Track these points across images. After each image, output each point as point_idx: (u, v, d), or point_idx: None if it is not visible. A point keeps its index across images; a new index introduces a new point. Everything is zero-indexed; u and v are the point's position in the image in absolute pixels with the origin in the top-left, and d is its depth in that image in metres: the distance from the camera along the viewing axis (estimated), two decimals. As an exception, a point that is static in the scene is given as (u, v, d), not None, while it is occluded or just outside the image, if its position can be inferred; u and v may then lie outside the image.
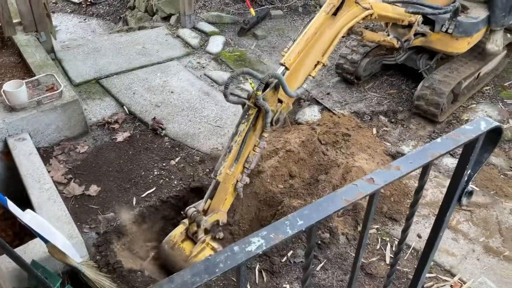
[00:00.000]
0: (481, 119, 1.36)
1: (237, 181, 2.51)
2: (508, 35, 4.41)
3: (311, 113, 4.07)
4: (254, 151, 2.50)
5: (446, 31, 3.79)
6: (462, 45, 3.90)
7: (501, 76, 4.45)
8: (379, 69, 4.53)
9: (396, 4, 3.38)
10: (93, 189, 3.16)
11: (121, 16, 6.36)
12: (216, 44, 4.88)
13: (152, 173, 3.31)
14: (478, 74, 4.17)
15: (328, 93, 4.37)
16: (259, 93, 2.27)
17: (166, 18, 5.32)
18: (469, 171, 1.45)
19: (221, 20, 5.25)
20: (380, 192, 3.29)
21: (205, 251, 2.53)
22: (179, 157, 3.47)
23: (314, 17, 2.71)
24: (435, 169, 3.50)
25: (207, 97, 4.14)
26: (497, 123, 1.35)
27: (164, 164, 3.39)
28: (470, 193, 1.57)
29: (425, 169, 1.32)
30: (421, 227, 3.04)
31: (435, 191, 3.31)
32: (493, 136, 1.43)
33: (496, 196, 3.31)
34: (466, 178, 1.47)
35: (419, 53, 4.13)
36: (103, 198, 3.12)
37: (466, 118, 3.95)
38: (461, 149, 1.38)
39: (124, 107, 3.92)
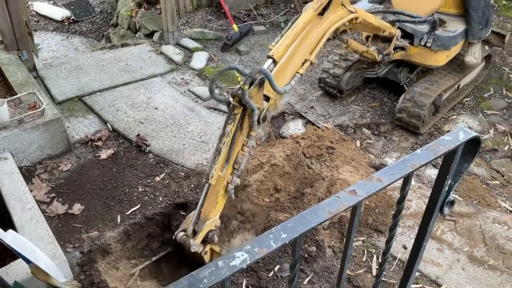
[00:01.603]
0: (460, 129, 1.38)
1: (228, 183, 2.47)
2: (486, 47, 4.53)
3: (295, 127, 4.10)
4: (243, 151, 2.46)
5: (425, 45, 3.87)
6: (441, 58, 3.99)
7: (481, 88, 4.54)
8: (361, 83, 4.59)
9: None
10: (77, 208, 3.12)
11: (104, 33, 6.36)
12: (199, 60, 4.90)
13: (136, 190, 3.28)
14: (458, 86, 4.25)
15: (312, 107, 4.41)
16: (246, 87, 2.22)
17: (149, 35, 5.33)
18: (450, 181, 1.48)
19: (204, 37, 5.28)
20: (365, 203, 3.32)
21: (215, 256, 2.55)
22: (164, 173, 3.45)
23: (301, 14, 2.73)
24: (418, 180, 3.53)
25: (191, 113, 4.14)
26: (475, 134, 1.38)
27: (148, 181, 3.37)
28: (452, 203, 1.59)
29: (406, 180, 1.34)
30: (406, 238, 3.06)
31: (419, 202, 3.34)
32: (472, 147, 1.46)
33: (479, 206, 3.35)
34: (447, 188, 1.49)
35: (400, 67, 4.20)
36: (86, 217, 3.08)
37: (448, 129, 4.01)
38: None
39: (108, 124, 3.90)
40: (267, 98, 2.50)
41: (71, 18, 6.70)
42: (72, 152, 3.61)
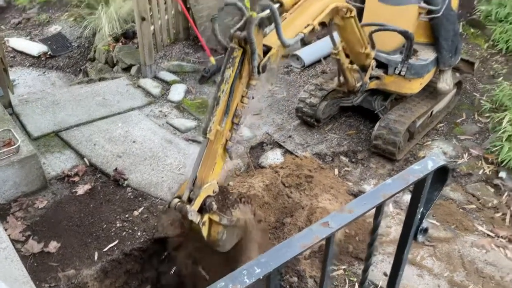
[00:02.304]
0: (428, 158, 1.42)
1: (227, 140, 2.28)
2: (457, 74, 4.67)
3: (274, 157, 4.12)
4: (242, 102, 2.28)
5: (399, 74, 3.99)
6: (415, 86, 4.10)
7: (453, 113, 4.66)
8: (337, 111, 4.67)
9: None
10: (53, 246, 3.06)
11: (81, 68, 6.37)
12: (177, 92, 4.93)
13: (114, 225, 3.24)
14: (431, 113, 4.36)
15: (290, 136, 4.45)
16: (255, 14, 2.07)
17: (127, 69, 5.36)
18: (422, 209, 1.50)
19: (182, 69, 5.33)
20: (345, 231, 3.33)
21: (214, 228, 2.34)
22: (143, 207, 3.41)
23: None
24: (396, 206, 3.57)
25: (170, 145, 4.14)
26: (443, 162, 1.42)
27: (126, 216, 3.33)
28: (425, 230, 1.61)
29: (379, 209, 1.36)
30: (387, 265, 3.06)
31: (398, 228, 3.36)
32: (441, 175, 1.49)
33: (457, 230, 3.39)
34: (419, 216, 1.52)
35: (374, 95, 4.30)
36: (63, 255, 3.01)
37: (423, 155, 4.08)
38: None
39: (85, 159, 3.87)
40: (267, 50, 2.35)
41: (48, 53, 6.70)
42: (48, 189, 3.55)
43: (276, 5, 2.36)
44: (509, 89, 4.61)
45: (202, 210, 2.27)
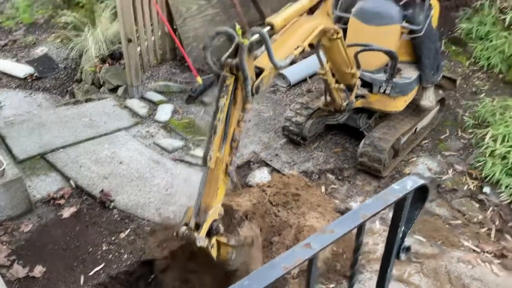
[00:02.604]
0: (408, 178, 1.44)
1: (227, 165, 2.31)
2: (440, 91, 4.76)
3: (261, 175, 4.13)
4: (239, 127, 2.31)
5: (384, 92, 4.06)
6: (399, 104, 4.18)
7: (437, 130, 4.73)
8: (323, 129, 4.71)
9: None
10: (38, 270, 3.02)
11: (68, 89, 6.35)
12: (164, 112, 4.95)
13: (100, 248, 3.21)
14: (415, 129, 4.42)
15: (277, 155, 4.48)
16: (246, 41, 2.10)
17: (114, 90, 5.37)
18: (403, 228, 1.52)
19: (168, 89, 5.35)
20: (332, 249, 3.34)
21: (223, 249, 2.40)
22: (129, 229, 3.40)
23: None
24: (383, 223, 3.59)
25: (157, 166, 4.14)
26: (422, 182, 1.45)
27: (113, 238, 3.30)
28: (408, 249, 1.63)
29: (360, 229, 1.38)
30: (374, 283, 3.06)
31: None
32: (421, 194, 1.52)
33: (443, 246, 3.42)
34: (401, 235, 1.54)
35: (359, 113, 4.35)
36: (48, 279, 2.98)
37: (408, 172, 4.13)
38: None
39: (71, 181, 3.84)
40: (259, 72, 2.38)
41: (35, 75, 6.68)
42: (33, 212, 3.52)
43: (267, 28, 2.43)
44: (491, 105, 4.71)
45: (209, 233, 2.32)
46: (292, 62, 5.98)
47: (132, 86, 5.11)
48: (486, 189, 3.89)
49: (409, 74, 4.20)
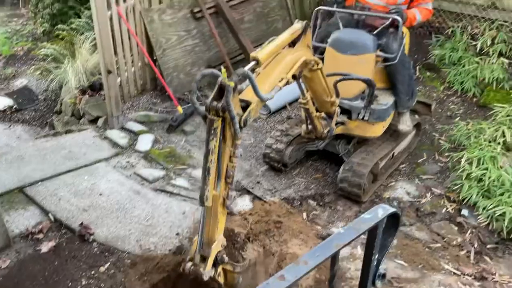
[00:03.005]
0: (379, 207, 1.48)
1: (224, 199, 2.38)
2: (416, 116, 4.87)
3: (242, 203, 4.14)
4: (231, 162, 2.36)
5: (362, 119, 4.14)
6: (378, 129, 4.27)
7: (415, 154, 4.82)
8: (304, 156, 4.76)
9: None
10: (15, 308, 2.95)
11: (48, 121, 6.33)
12: (145, 142, 4.95)
13: (79, 283, 3.16)
14: (393, 154, 4.50)
15: (258, 182, 4.49)
16: (232, 84, 2.12)
17: (94, 121, 5.36)
18: (377, 255, 1.55)
19: (149, 119, 5.36)
20: (315, 276, 3.34)
21: (229, 276, 2.49)
22: (109, 263, 3.35)
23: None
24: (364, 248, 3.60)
25: (137, 196, 4.12)
26: (393, 210, 1.49)
27: (92, 272, 3.25)
28: (383, 276, 1.66)
29: (334, 259, 1.40)
30: (357, 309, 3.07)
31: (366, 271, 3.39)
32: (393, 221, 1.56)
33: (424, 270, 3.44)
34: (375, 263, 1.57)
35: (338, 139, 4.42)
36: (25, 317, 2.91)
37: (387, 196, 4.18)
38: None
39: (50, 214, 3.80)
40: (246, 105, 2.43)
41: (14, 107, 6.65)
42: (11, 248, 3.46)
43: (252, 63, 2.53)
44: (466, 128, 4.82)
45: (215, 264, 2.41)
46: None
47: (112, 117, 5.11)
48: (464, 212, 3.95)
49: (386, 100, 4.30)
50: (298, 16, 7.33)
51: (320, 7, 4.19)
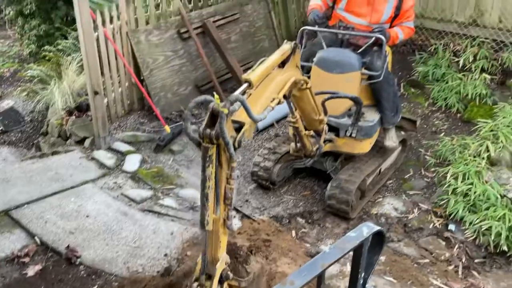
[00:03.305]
0: (363, 225, 1.50)
1: (224, 220, 2.38)
2: (402, 132, 4.93)
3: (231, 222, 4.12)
4: (229, 184, 2.35)
5: (350, 136, 4.18)
6: (365, 146, 4.31)
7: (401, 170, 4.87)
8: (292, 173, 4.78)
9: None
10: (-1, 335, 2.89)
11: (34, 142, 6.28)
12: (132, 162, 4.93)
13: (66, 307, 3.11)
14: (380, 170, 4.54)
15: (247, 200, 4.49)
16: (226, 110, 2.12)
17: (80, 142, 5.33)
18: (363, 274, 1.56)
19: (137, 139, 5.35)
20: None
21: None
22: (96, 286, 3.31)
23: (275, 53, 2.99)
24: (353, 265, 3.61)
25: (125, 218, 4.08)
26: (378, 228, 1.50)
27: (79, 296, 3.21)
28: (370, 294, 1.66)
29: (320, 279, 1.41)
30: (347, 328, 3.06)
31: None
32: (378, 239, 1.57)
33: (413, 286, 3.45)
34: (361, 281, 1.57)
35: (325, 156, 4.45)
36: None
37: (375, 212, 4.20)
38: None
39: (36, 237, 3.75)
40: (239, 126, 2.43)
41: (0, 128, 6.61)
42: (-4, 272, 3.40)
43: (245, 85, 2.55)
44: (451, 144, 4.89)
45: (220, 281, 2.45)
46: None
47: (99, 138, 5.09)
48: (451, 227, 3.98)
49: (372, 117, 4.35)
50: (284, 35, 7.44)
51: (305, 27, 4.26)
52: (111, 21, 5.20)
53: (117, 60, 5.38)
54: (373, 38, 4.09)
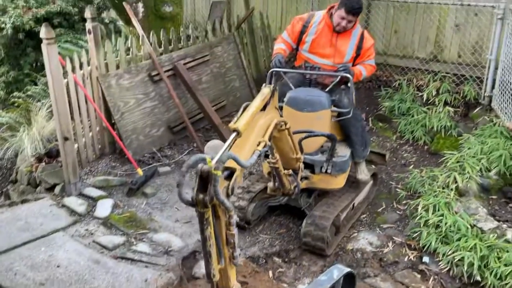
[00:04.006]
0: (334, 267, 1.52)
1: (230, 259, 2.47)
2: (372, 166, 5.03)
3: (207, 265, 4.06)
4: (229, 231, 2.43)
5: (326, 172, 4.24)
6: (340, 181, 4.39)
7: (374, 203, 4.93)
8: (267, 211, 4.78)
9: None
10: None
11: (3, 191, 6.12)
12: (104, 208, 4.84)
13: None
14: (353, 205, 4.59)
15: (223, 243, 4.44)
16: (219, 173, 2.16)
17: (51, 189, 5.22)
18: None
19: (108, 184, 5.28)
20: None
21: None
22: None
23: (255, 100, 3.09)
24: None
25: (97, 266, 3.98)
26: (348, 269, 1.52)
27: None
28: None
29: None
30: None
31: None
32: (350, 279, 1.59)
33: (391, 321, 3.45)
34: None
35: (299, 193, 4.48)
36: None
37: (351, 248, 4.22)
38: None
39: (4, 291, 3.61)
40: (230, 172, 2.49)
41: (-33, 178, 6.44)
42: (-40, 331, 3.24)
43: (233, 134, 2.64)
44: (420, 176, 5.01)
45: None
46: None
47: (70, 184, 5.01)
48: (426, 259, 4.02)
49: (344, 152, 4.45)
50: (254, 75, 7.60)
51: (274, 68, 4.37)
52: (80, 66, 5.22)
53: (88, 104, 5.37)
54: (339, 77, 4.23)
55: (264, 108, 3.23)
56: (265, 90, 3.29)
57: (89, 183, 5.28)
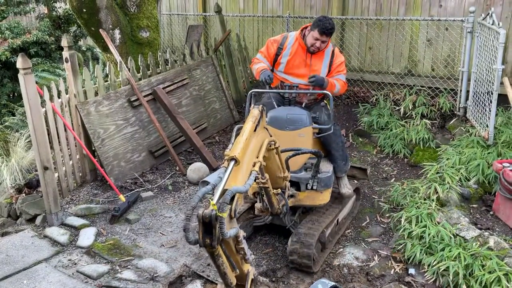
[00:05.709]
0: (318, 282, 1.53)
1: (242, 260, 2.71)
2: (355, 181, 5.08)
3: (194, 289, 4.03)
4: (239, 245, 2.62)
5: (311, 188, 4.26)
6: (326, 196, 4.41)
7: (358, 218, 4.96)
8: (252, 231, 4.76)
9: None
10: None
11: (-19, 224, 6.00)
12: (87, 237, 4.77)
13: None
14: (337, 221, 4.61)
15: (209, 264, 4.40)
16: (225, 215, 2.20)
17: (32, 220, 5.13)
18: (324, 331, 1.57)
19: (90, 212, 5.21)
20: None
21: None
22: None
23: (247, 123, 3.15)
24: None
25: (82, 296, 3.90)
26: (332, 283, 1.53)
27: None
28: None
29: None
30: None
31: None
32: (335, 294, 1.60)
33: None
34: None
35: (288, 211, 4.48)
36: None
37: (338, 263, 4.22)
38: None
39: (-15, 328, 3.50)
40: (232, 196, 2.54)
41: None
42: None
43: (232, 163, 2.69)
44: (401, 188, 5.07)
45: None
46: (215, 169, 6.23)
47: (51, 214, 4.93)
48: (412, 271, 4.04)
49: (326, 168, 4.48)
50: (233, 96, 7.65)
51: (253, 90, 4.42)
52: (59, 95, 5.20)
53: (67, 132, 5.33)
54: (316, 93, 4.32)
55: (254, 129, 3.26)
56: (255, 111, 3.32)
57: (71, 212, 5.21)
